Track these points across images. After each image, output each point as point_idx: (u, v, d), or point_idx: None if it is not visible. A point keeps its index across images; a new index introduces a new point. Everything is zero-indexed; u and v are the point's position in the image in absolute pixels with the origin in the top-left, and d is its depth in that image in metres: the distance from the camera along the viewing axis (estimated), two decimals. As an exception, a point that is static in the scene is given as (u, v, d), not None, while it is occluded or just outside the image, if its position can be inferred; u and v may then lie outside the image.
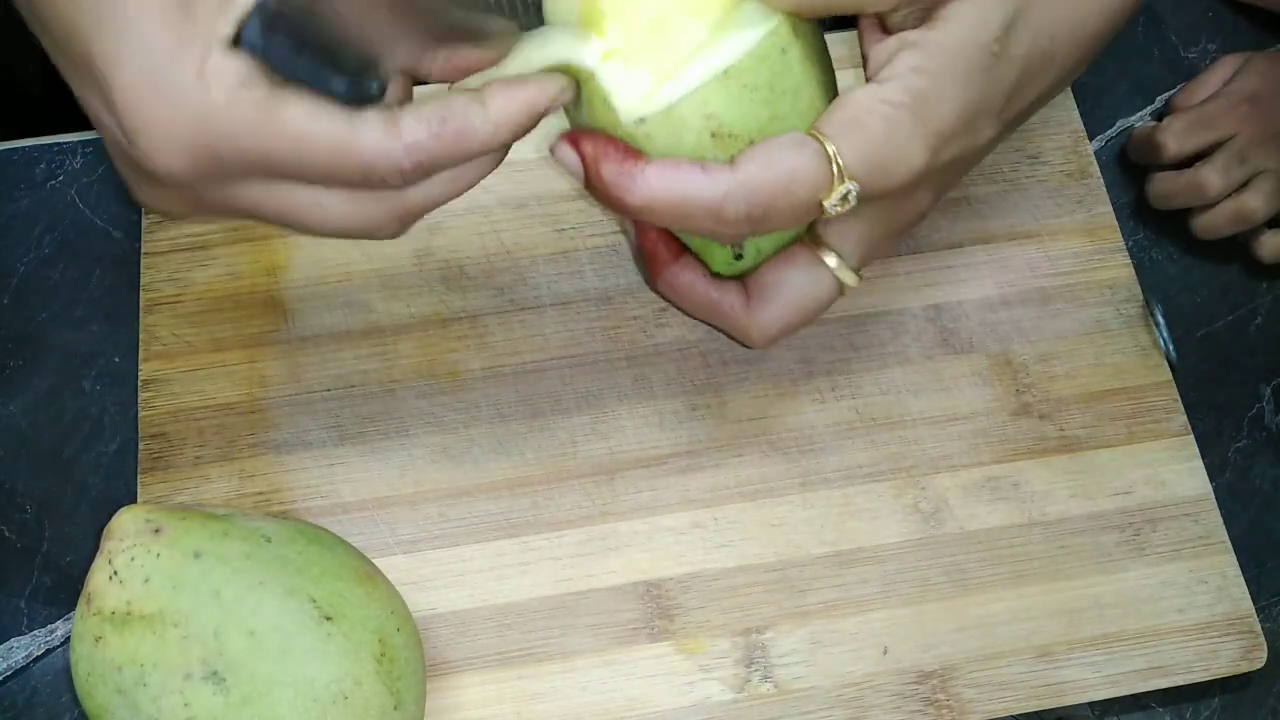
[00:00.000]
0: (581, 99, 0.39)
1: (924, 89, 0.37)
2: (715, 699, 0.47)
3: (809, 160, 0.37)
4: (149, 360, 0.52)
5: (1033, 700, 0.47)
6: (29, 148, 0.57)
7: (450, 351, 0.52)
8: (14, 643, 0.49)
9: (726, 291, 0.43)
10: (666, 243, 0.43)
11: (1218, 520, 0.50)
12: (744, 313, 0.43)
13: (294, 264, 0.54)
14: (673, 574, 0.49)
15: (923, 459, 0.51)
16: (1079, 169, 0.56)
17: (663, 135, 0.38)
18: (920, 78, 0.37)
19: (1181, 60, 0.61)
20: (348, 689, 0.39)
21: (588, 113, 0.39)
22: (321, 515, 0.49)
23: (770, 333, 0.43)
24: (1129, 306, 0.54)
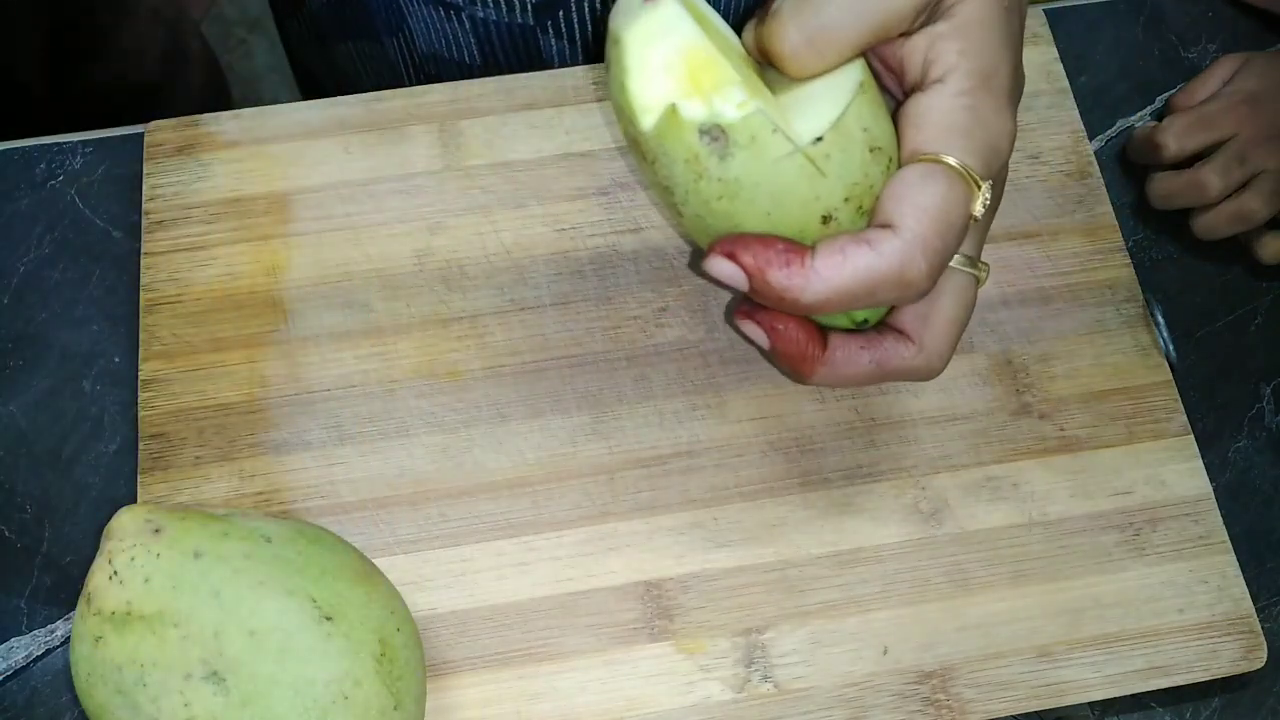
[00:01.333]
0: (730, 147, 0.37)
1: (980, 67, 0.38)
2: (715, 699, 0.47)
3: (949, 186, 0.37)
4: (149, 360, 0.52)
5: (1033, 700, 0.47)
6: (29, 148, 0.57)
7: (450, 351, 0.52)
8: (14, 643, 0.49)
9: (886, 345, 0.40)
10: (809, 335, 0.40)
11: (1218, 520, 0.50)
12: (915, 353, 0.40)
13: (294, 264, 0.54)
14: (673, 574, 0.49)
15: (923, 459, 0.51)
16: (1079, 169, 0.56)
17: (837, 152, 0.37)
18: (971, 59, 0.38)
19: (1181, 60, 0.61)
20: (348, 689, 0.39)
21: (745, 157, 0.37)
22: (321, 515, 0.49)
23: (947, 355, 0.41)
24: (1129, 306, 0.54)
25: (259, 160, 0.55)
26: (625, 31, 0.39)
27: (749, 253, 0.37)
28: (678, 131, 0.37)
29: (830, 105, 0.38)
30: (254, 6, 1.55)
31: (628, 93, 0.38)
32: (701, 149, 0.37)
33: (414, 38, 0.64)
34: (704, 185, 0.38)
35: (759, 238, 0.37)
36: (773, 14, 0.38)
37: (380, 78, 0.69)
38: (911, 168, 0.38)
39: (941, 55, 0.38)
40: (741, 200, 0.38)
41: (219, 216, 0.54)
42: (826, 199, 0.38)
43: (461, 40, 0.62)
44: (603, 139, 0.56)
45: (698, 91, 0.38)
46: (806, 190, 0.37)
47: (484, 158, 0.55)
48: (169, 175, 0.55)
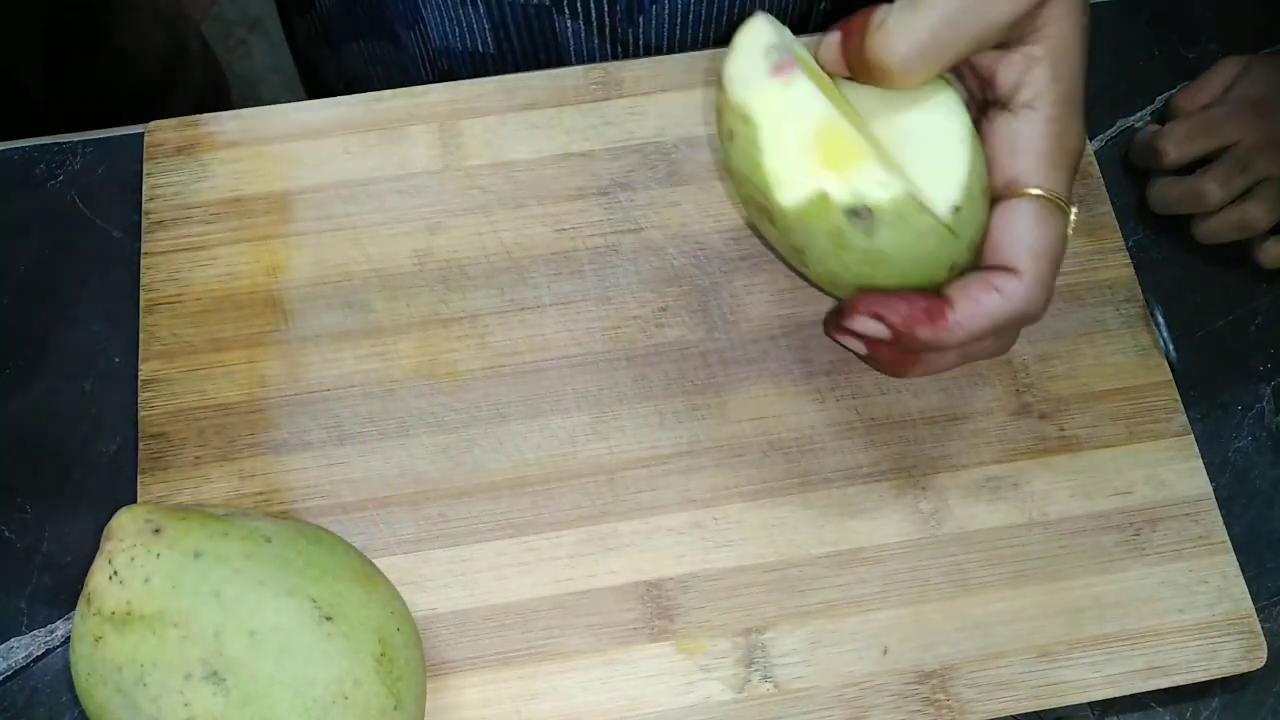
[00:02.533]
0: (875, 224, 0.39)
1: (1067, 91, 0.40)
2: (715, 699, 0.47)
3: (1054, 222, 0.40)
4: (149, 360, 0.52)
5: (1033, 700, 0.47)
6: (29, 148, 0.57)
7: (450, 351, 0.52)
8: (14, 643, 0.49)
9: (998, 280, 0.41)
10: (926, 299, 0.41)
11: (1218, 520, 0.50)
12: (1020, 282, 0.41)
13: (294, 264, 0.54)
14: (673, 574, 0.49)
15: (923, 459, 0.51)
16: (1079, 169, 0.56)
17: (968, 214, 0.39)
18: (1060, 83, 0.40)
19: (1181, 60, 0.61)
20: (348, 689, 0.39)
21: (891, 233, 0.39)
22: (321, 515, 0.49)
23: (1051, 286, 0.42)
24: (1129, 306, 0.54)
25: (259, 160, 0.55)
26: (756, 105, 0.40)
27: (895, 313, 0.40)
28: (824, 211, 0.39)
29: (952, 159, 0.40)
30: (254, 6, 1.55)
31: (764, 170, 0.40)
32: (847, 226, 0.39)
33: (429, 30, 0.64)
34: (846, 254, 0.40)
35: (901, 296, 0.40)
36: (878, 26, 0.40)
37: (390, 77, 0.69)
38: (1019, 207, 0.40)
39: (1033, 79, 0.40)
40: (883, 266, 0.40)
41: (219, 216, 0.54)
42: (956, 253, 0.40)
43: (476, 27, 0.62)
44: (603, 139, 0.56)
45: (834, 168, 0.39)
46: (942, 251, 0.40)
47: (484, 158, 0.55)
48: (169, 175, 0.55)
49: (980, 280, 0.40)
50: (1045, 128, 0.40)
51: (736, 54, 0.41)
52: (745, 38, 0.41)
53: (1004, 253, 0.40)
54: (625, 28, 0.62)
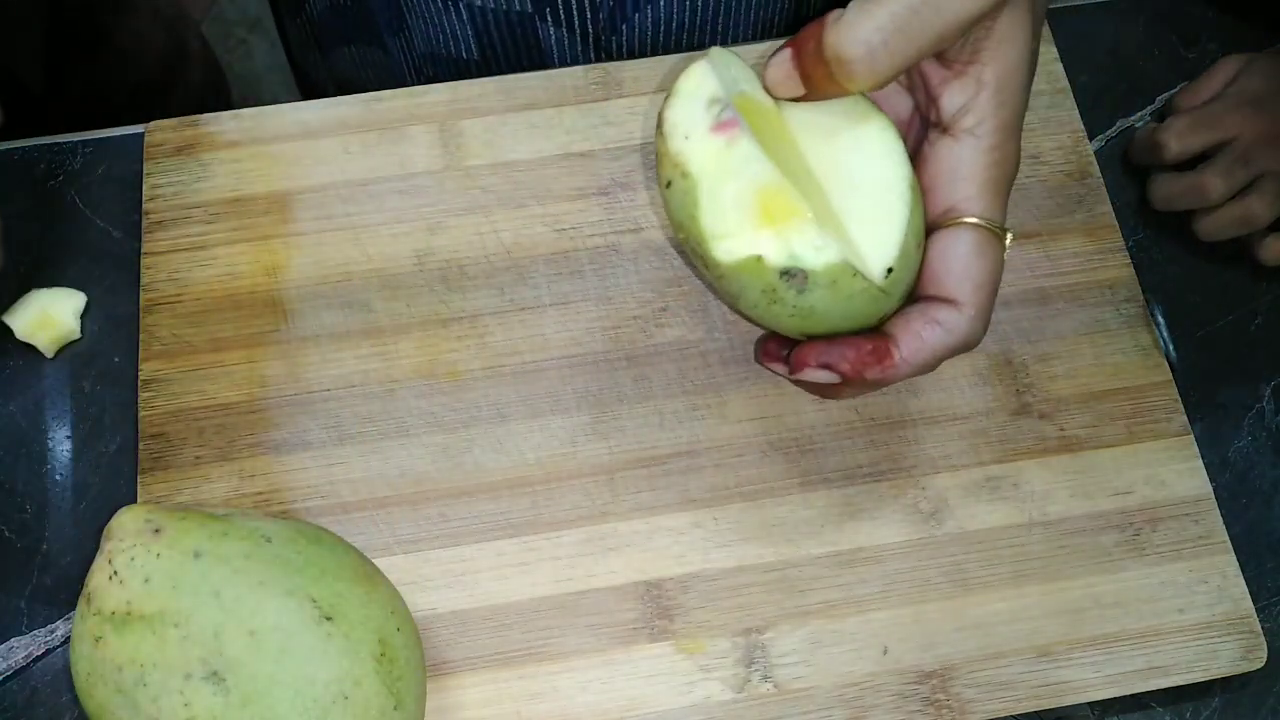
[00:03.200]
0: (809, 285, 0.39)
1: (1009, 118, 0.40)
2: (715, 699, 0.47)
3: (993, 251, 0.40)
4: (149, 360, 0.52)
5: (1033, 700, 0.47)
6: (29, 148, 0.57)
7: (450, 351, 0.52)
8: (14, 643, 0.49)
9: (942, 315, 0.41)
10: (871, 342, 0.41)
11: (1218, 520, 0.50)
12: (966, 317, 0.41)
13: (294, 264, 0.54)
14: (673, 574, 0.49)
15: (923, 459, 0.51)
16: (1079, 169, 0.56)
17: (901, 272, 0.40)
18: (1004, 109, 0.40)
19: (1182, 60, 0.61)
20: (348, 689, 0.39)
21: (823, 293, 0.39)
22: (321, 515, 0.49)
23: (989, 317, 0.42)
24: (1129, 306, 0.54)
25: (259, 160, 0.55)
26: (695, 161, 0.39)
27: (845, 360, 0.40)
28: (758, 269, 0.39)
29: (890, 214, 0.40)
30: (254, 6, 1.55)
31: (700, 225, 0.39)
32: (780, 284, 0.39)
33: (413, 37, 0.64)
34: (777, 308, 0.40)
35: (846, 343, 0.40)
36: (835, 20, 0.39)
37: (380, 82, 0.69)
38: (958, 237, 0.40)
39: (979, 104, 0.40)
40: (814, 320, 0.40)
41: (219, 216, 0.54)
42: (887, 309, 0.40)
43: (459, 33, 0.62)
44: (603, 139, 0.56)
45: (771, 225, 0.39)
46: (873, 308, 0.40)
47: (484, 158, 0.55)
48: (169, 175, 0.55)
49: (921, 315, 0.40)
50: (986, 156, 0.40)
51: (678, 101, 0.40)
52: (688, 83, 0.40)
53: (943, 284, 0.40)
54: (608, 35, 0.62)
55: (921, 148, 0.42)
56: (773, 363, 0.44)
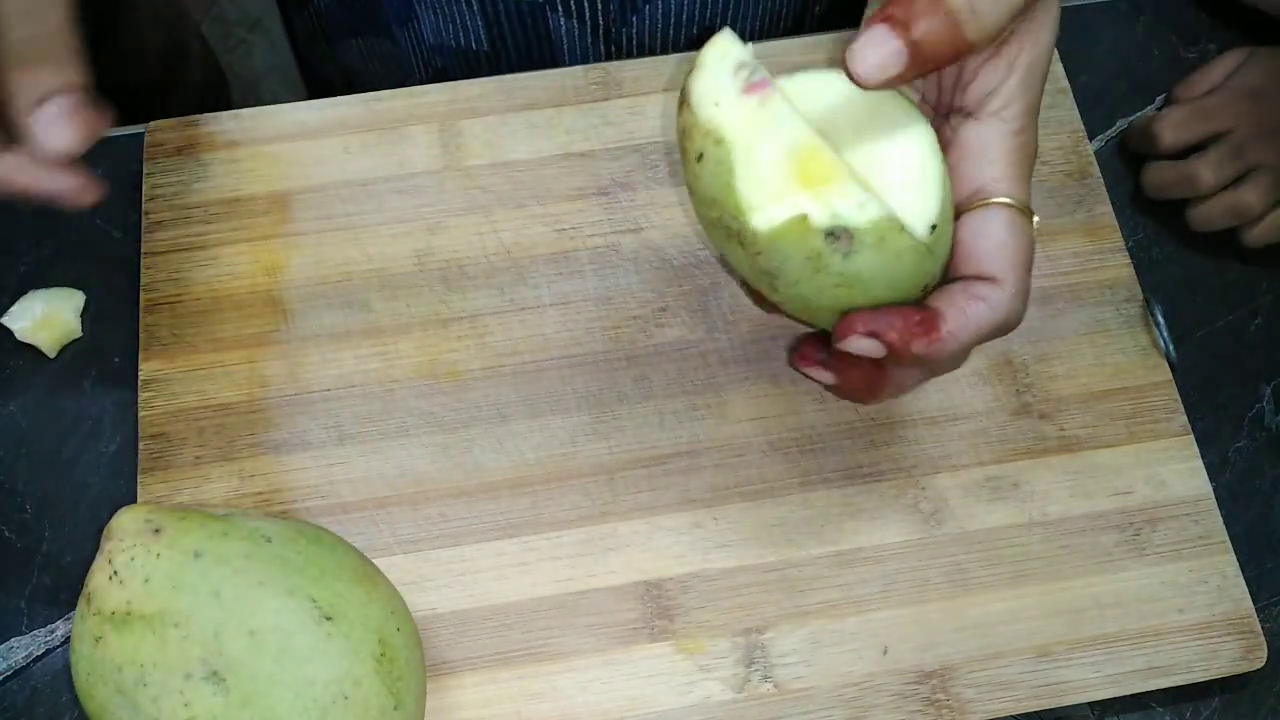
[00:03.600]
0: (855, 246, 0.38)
1: (1033, 102, 0.41)
2: (715, 699, 0.47)
3: (1025, 230, 0.40)
4: (149, 360, 0.52)
5: (1033, 700, 0.47)
6: (29, 148, 0.57)
7: (450, 351, 0.52)
8: (14, 643, 0.49)
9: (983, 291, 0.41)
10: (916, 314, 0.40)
11: (1218, 520, 0.50)
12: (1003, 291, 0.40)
13: (294, 264, 0.54)
14: (673, 574, 0.49)
15: (923, 459, 0.51)
16: (1079, 169, 0.56)
17: (942, 233, 0.39)
18: (1029, 93, 0.40)
19: (1182, 60, 0.61)
20: (348, 689, 0.39)
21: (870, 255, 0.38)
22: (321, 515, 0.49)
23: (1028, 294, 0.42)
24: (1129, 306, 0.54)
25: (259, 160, 0.55)
26: (728, 125, 0.38)
27: (891, 329, 0.39)
28: (801, 234, 0.37)
29: (925, 179, 0.39)
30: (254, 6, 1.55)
31: (736, 193, 0.38)
32: (825, 248, 0.37)
33: (422, 28, 0.64)
34: (821, 277, 0.38)
35: (894, 312, 0.39)
36: None
37: (388, 73, 0.69)
38: (992, 216, 0.40)
39: (1008, 87, 0.40)
40: (859, 288, 0.39)
41: (219, 216, 0.54)
42: (931, 272, 0.40)
43: (469, 24, 0.62)
44: (603, 139, 0.56)
45: (810, 188, 0.38)
46: (919, 271, 0.39)
47: (484, 158, 0.55)
48: (169, 175, 0.55)
49: (965, 291, 0.40)
50: (1013, 139, 0.40)
51: (703, 72, 0.39)
52: (712, 53, 0.39)
53: (983, 262, 0.40)
54: (619, 27, 0.62)
55: (941, 136, 0.42)
56: (810, 367, 0.43)
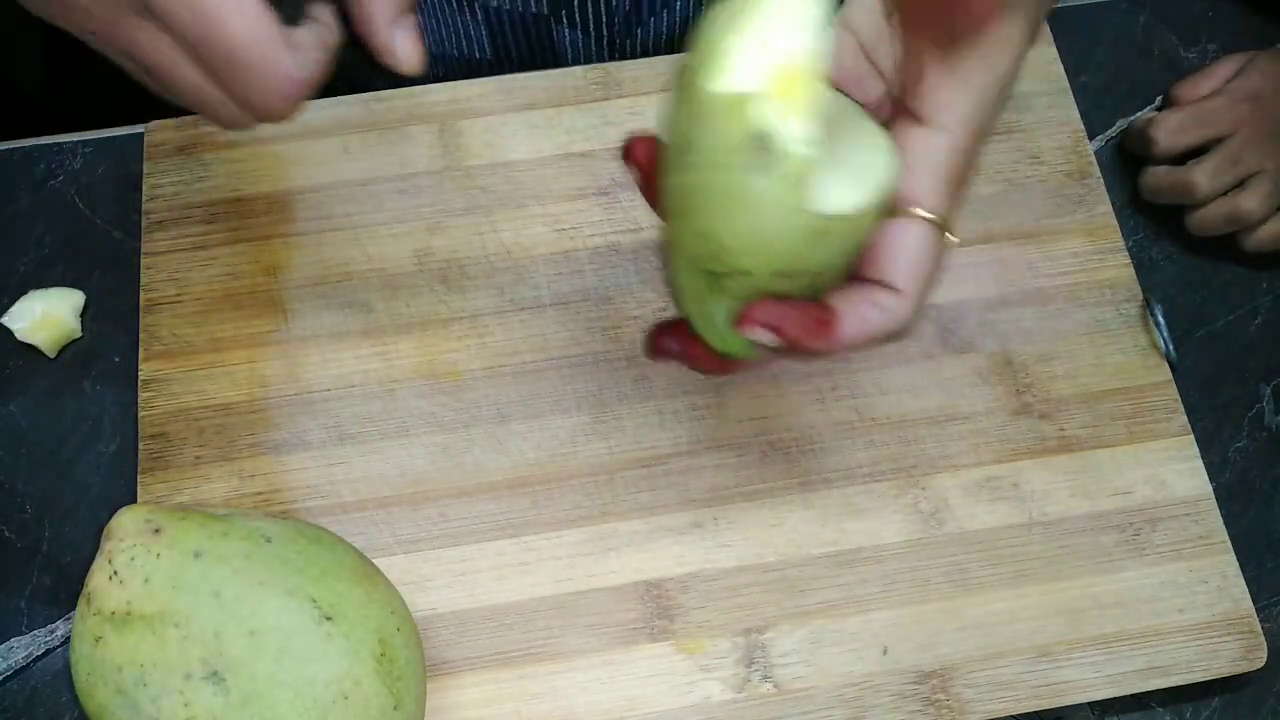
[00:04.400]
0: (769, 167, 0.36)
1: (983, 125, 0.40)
2: (715, 699, 0.47)
3: (940, 245, 0.40)
4: (149, 360, 0.52)
5: (1033, 700, 0.47)
6: (29, 148, 0.57)
7: (450, 351, 0.52)
8: (14, 643, 0.49)
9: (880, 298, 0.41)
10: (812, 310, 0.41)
11: (1218, 520, 0.50)
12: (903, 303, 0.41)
13: (294, 264, 0.54)
14: (673, 574, 0.49)
15: (923, 459, 0.51)
16: (1079, 169, 0.56)
17: (837, 238, 0.38)
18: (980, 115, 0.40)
19: (1181, 60, 0.61)
20: (348, 689, 0.39)
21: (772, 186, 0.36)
22: (321, 515, 0.49)
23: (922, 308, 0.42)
24: (1129, 306, 0.54)
25: (259, 160, 0.55)
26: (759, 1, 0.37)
27: (789, 323, 0.39)
28: (738, 115, 0.35)
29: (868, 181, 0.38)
30: (254, 6, 1.54)
31: (719, 45, 0.36)
32: (745, 147, 0.36)
33: (425, 36, 0.64)
34: (721, 178, 0.36)
35: (795, 308, 0.39)
36: None
37: (389, 79, 0.69)
38: (912, 229, 0.40)
39: (959, 104, 0.39)
40: (744, 220, 0.37)
41: (219, 216, 0.54)
42: (810, 260, 0.38)
43: (473, 34, 0.62)
44: (603, 139, 0.56)
45: (780, 96, 0.36)
46: (799, 246, 0.37)
47: (484, 158, 0.55)
48: (169, 175, 0.55)
49: (868, 298, 0.40)
50: (954, 155, 0.40)
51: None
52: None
53: (891, 272, 0.40)
54: (623, 39, 0.62)
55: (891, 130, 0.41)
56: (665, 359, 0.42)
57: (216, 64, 0.37)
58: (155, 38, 0.37)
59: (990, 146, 0.56)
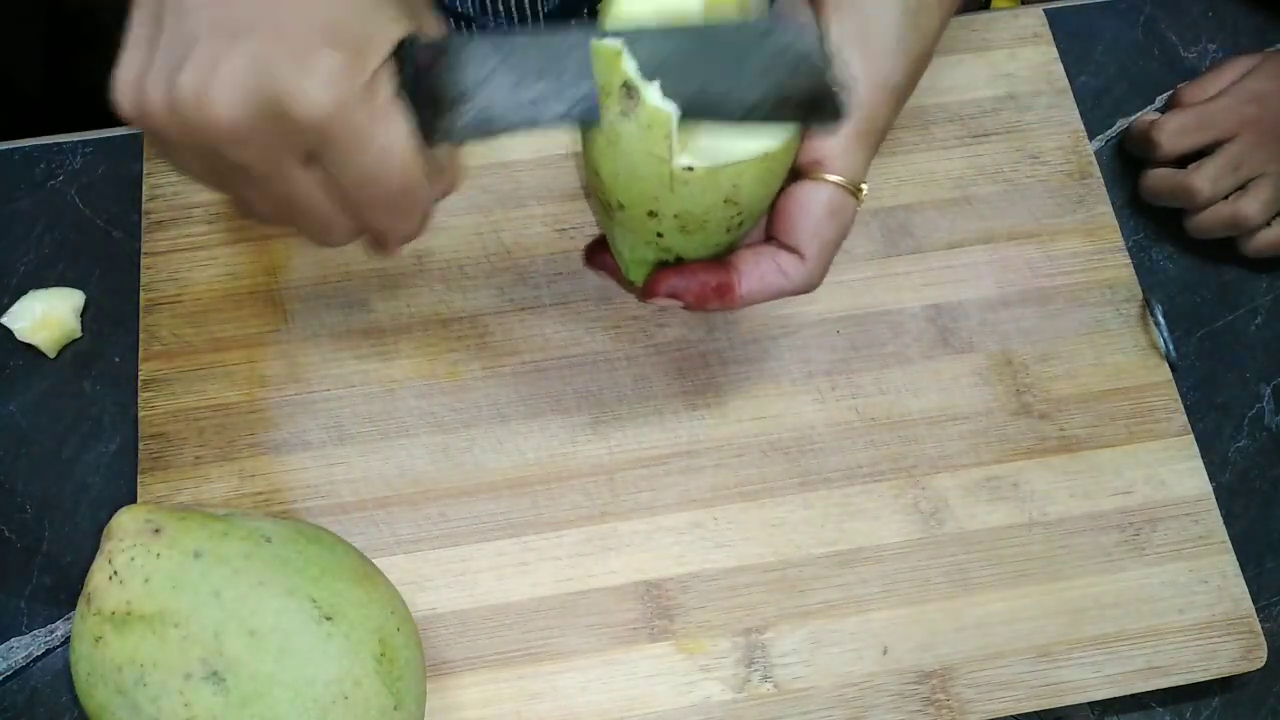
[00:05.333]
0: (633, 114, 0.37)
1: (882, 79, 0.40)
2: (715, 699, 0.47)
3: (847, 209, 0.41)
4: (149, 360, 0.52)
5: (1033, 700, 0.47)
6: (29, 148, 0.57)
7: (450, 351, 0.52)
8: (14, 643, 0.49)
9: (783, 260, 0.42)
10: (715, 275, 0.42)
11: (1218, 520, 0.50)
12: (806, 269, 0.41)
13: (294, 264, 0.54)
14: (673, 574, 0.49)
15: (923, 459, 0.51)
16: (1079, 169, 0.56)
17: (696, 187, 0.38)
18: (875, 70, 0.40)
19: (1181, 60, 0.61)
20: (348, 689, 0.39)
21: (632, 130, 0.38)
22: (321, 515, 0.49)
23: (826, 271, 0.42)
24: (1129, 306, 0.54)
25: (259, 160, 0.55)
26: None
27: (690, 293, 0.42)
28: (613, 67, 0.37)
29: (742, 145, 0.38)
30: (254, 6, 1.54)
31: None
32: (616, 93, 0.38)
33: None
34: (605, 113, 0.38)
35: (695, 276, 0.41)
36: None
37: None
38: (817, 193, 0.40)
39: (845, 61, 0.39)
40: (610, 156, 0.39)
41: (219, 216, 0.54)
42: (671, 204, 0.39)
43: None
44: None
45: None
46: (651, 191, 0.39)
47: (484, 158, 0.55)
48: (169, 175, 0.55)
49: (770, 260, 0.41)
50: (860, 115, 0.40)
51: None
52: None
53: (795, 235, 0.41)
54: None
55: None
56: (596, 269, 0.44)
57: (366, 204, 0.37)
58: (313, 183, 0.37)
59: (990, 146, 0.57)
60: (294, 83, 0.34)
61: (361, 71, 0.35)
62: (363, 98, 0.35)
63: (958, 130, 0.57)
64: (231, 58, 0.35)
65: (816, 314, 0.53)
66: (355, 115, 0.35)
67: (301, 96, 0.34)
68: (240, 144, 0.35)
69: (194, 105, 0.35)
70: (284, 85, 0.34)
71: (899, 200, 0.55)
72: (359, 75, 0.35)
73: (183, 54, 0.35)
